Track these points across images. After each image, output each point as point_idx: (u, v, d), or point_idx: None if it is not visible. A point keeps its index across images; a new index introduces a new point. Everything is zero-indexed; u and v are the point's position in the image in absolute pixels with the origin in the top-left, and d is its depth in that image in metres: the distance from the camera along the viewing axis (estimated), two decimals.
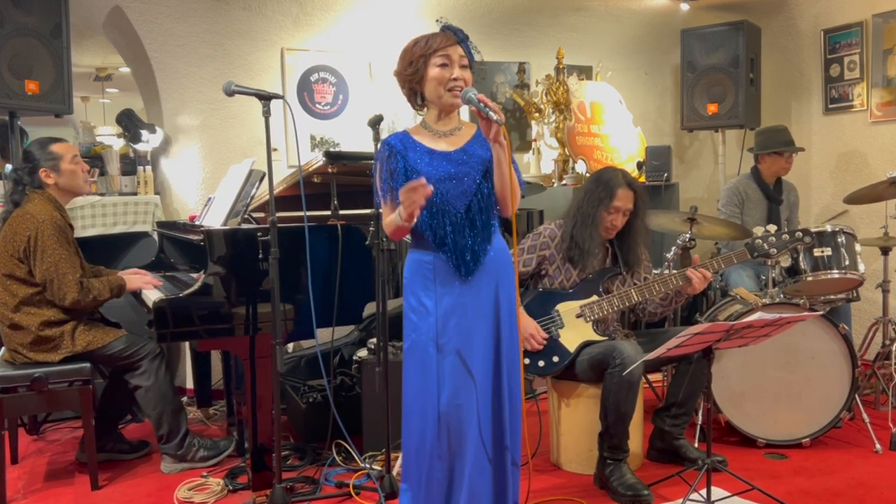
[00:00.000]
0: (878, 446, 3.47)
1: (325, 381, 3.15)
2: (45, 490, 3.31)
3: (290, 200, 3.49)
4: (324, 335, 3.33)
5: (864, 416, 3.56)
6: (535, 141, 5.43)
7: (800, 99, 5.55)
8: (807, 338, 3.50)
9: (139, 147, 4.62)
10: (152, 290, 3.36)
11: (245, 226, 3.30)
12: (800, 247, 3.44)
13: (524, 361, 3.25)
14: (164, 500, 3.16)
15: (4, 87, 3.67)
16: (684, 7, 5.68)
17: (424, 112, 2.42)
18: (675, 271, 3.28)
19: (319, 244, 3.21)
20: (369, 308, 3.35)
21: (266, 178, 2.88)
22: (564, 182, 5.15)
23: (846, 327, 3.57)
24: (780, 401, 3.52)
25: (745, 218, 4.39)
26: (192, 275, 3.49)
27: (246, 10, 4.72)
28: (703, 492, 2.79)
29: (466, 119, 2.70)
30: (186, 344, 4.45)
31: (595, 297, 3.26)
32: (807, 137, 5.43)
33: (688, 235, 3.62)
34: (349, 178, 3.47)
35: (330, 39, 4.99)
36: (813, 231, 3.54)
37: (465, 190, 2.33)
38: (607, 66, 5.63)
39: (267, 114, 2.77)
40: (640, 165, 5.27)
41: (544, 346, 3.23)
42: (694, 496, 2.81)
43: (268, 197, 2.88)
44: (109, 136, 7.41)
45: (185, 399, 4.34)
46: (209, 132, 4.74)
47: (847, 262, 3.69)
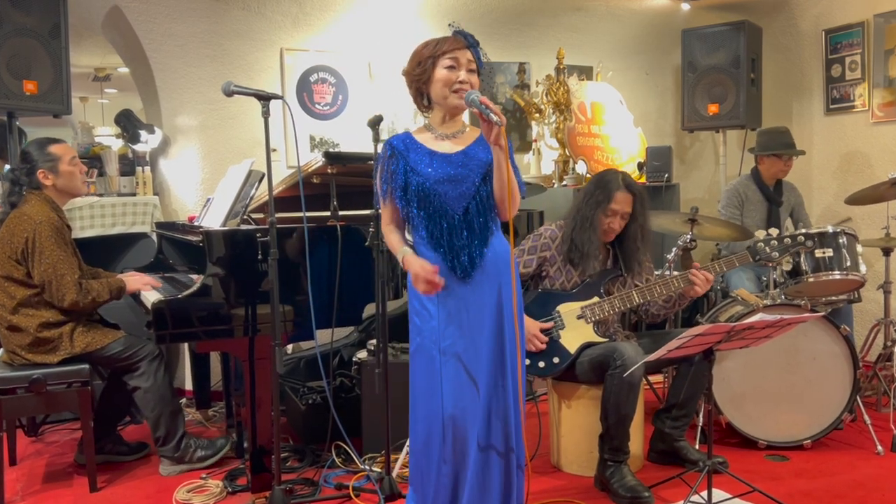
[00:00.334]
0: (879, 448, 3.47)
1: (324, 382, 3.15)
2: (43, 492, 3.30)
3: (290, 201, 3.48)
4: (323, 336, 3.32)
5: (866, 417, 3.56)
6: (536, 141, 5.42)
7: (801, 99, 5.54)
8: (808, 339, 3.50)
9: (138, 147, 4.62)
10: (151, 292, 3.35)
11: (244, 227, 3.29)
12: (802, 250, 3.42)
13: (524, 363, 3.25)
14: (163, 502, 3.15)
15: (3, 87, 3.65)
16: (685, 7, 5.67)
17: (429, 114, 2.43)
18: (676, 273, 3.28)
19: (319, 245, 3.20)
20: (369, 309, 3.34)
21: (265, 179, 2.87)
22: (565, 183, 5.14)
23: (847, 328, 3.56)
24: (781, 402, 3.51)
25: (745, 220, 4.38)
26: (191, 276, 3.48)
27: (245, 10, 4.71)
28: (704, 493, 2.78)
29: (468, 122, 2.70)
30: (185, 345, 4.45)
31: (596, 299, 3.26)
32: (808, 138, 5.42)
33: (688, 236, 3.61)
34: (349, 179, 3.46)
35: (329, 39, 4.98)
36: (814, 232, 3.54)
37: (463, 192, 2.34)
38: (608, 66, 5.62)
39: (266, 114, 2.77)
40: (640, 166, 5.26)
41: (545, 347, 3.21)
42: (695, 498, 2.81)
43: (267, 198, 2.87)
44: (108, 136, 7.40)
45: (183, 401, 4.35)
46: (208, 133, 4.73)
47: (848, 263, 3.68)
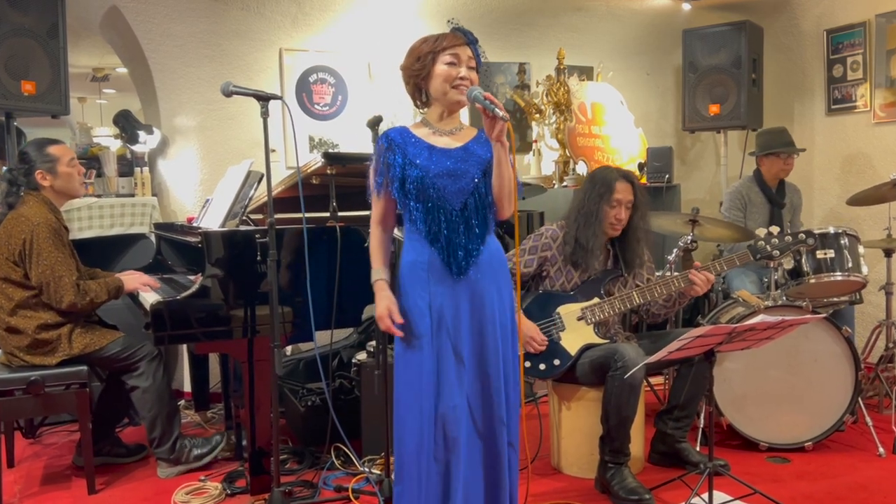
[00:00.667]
0: (881, 450, 3.46)
1: (323, 384, 3.15)
2: (41, 494, 3.30)
3: (289, 202, 3.47)
4: (322, 338, 3.31)
5: (868, 419, 3.54)
6: (536, 142, 5.41)
7: (802, 100, 5.53)
8: (809, 340, 3.49)
9: (136, 148, 4.62)
10: (150, 293, 3.34)
11: (243, 227, 3.28)
12: (802, 249, 3.43)
13: (524, 364, 3.24)
14: None
15: (1, 87, 3.65)
16: (686, 7, 5.66)
17: (426, 111, 2.42)
18: (676, 273, 3.27)
19: (318, 246, 3.19)
20: (368, 310, 3.32)
21: (264, 180, 2.87)
22: (565, 184, 5.13)
23: (849, 330, 3.55)
24: (782, 404, 3.50)
25: (748, 222, 4.36)
26: (189, 277, 3.48)
27: (244, 10, 4.71)
28: (705, 496, 2.77)
29: (466, 122, 2.69)
30: (184, 347, 4.44)
31: (596, 300, 3.25)
32: (809, 138, 5.40)
33: (689, 237, 3.61)
34: (348, 180, 3.44)
35: (329, 40, 4.98)
36: (816, 233, 3.52)
37: (462, 188, 2.33)
38: (608, 66, 5.61)
39: (265, 115, 2.76)
40: (641, 167, 5.25)
41: (545, 348, 3.21)
42: (695, 500, 2.80)
43: (266, 198, 2.86)
44: (106, 137, 7.39)
45: (182, 402, 4.35)
46: (207, 133, 4.73)
47: (850, 265, 3.67)
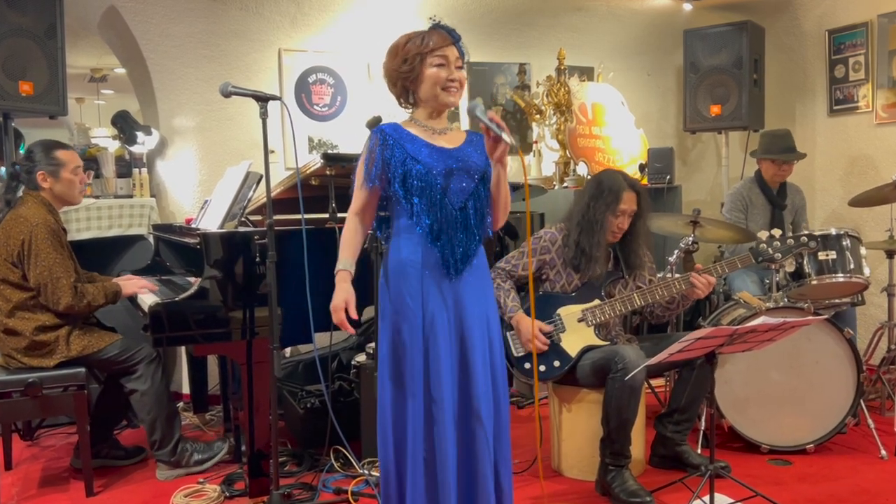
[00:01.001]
0: (883, 452, 3.44)
1: (322, 386, 3.13)
2: (39, 496, 3.29)
3: (288, 203, 3.46)
4: (322, 339, 3.30)
5: (870, 421, 3.53)
6: (536, 143, 5.39)
7: (804, 100, 5.51)
8: (811, 342, 3.48)
9: (135, 149, 4.61)
10: (148, 294, 3.33)
11: (242, 229, 3.28)
12: (805, 251, 3.40)
13: (524, 366, 3.24)
14: None
15: None
16: (687, 7, 5.65)
17: (412, 110, 2.43)
18: (677, 275, 3.26)
19: (317, 247, 3.15)
20: (367, 312, 3.31)
21: (263, 181, 2.86)
22: (566, 185, 5.11)
23: (851, 332, 3.54)
24: (784, 406, 3.49)
25: (749, 223, 4.35)
26: (188, 278, 3.47)
27: (243, 10, 4.70)
28: (706, 498, 2.78)
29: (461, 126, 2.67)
30: (182, 349, 4.43)
31: (597, 301, 3.25)
32: (811, 139, 5.39)
33: (690, 239, 3.60)
34: (348, 181, 3.35)
35: (328, 40, 4.97)
36: (818, 234, 3.52)
37: (463, 188, 2.34)
38: (609, 66, 5.59)
39: (264, 115, 2.76)
40: (642, 167, 5.24)
41: (546, 348, 3.21)
42: (697, 503, 2.80)
43: (265, 199, 2.86)
44: (104, 137, 7.42)
45: (181, 404, 4.34)
46: (206, 134, 4.71)
47: (852, 266, 3.66)
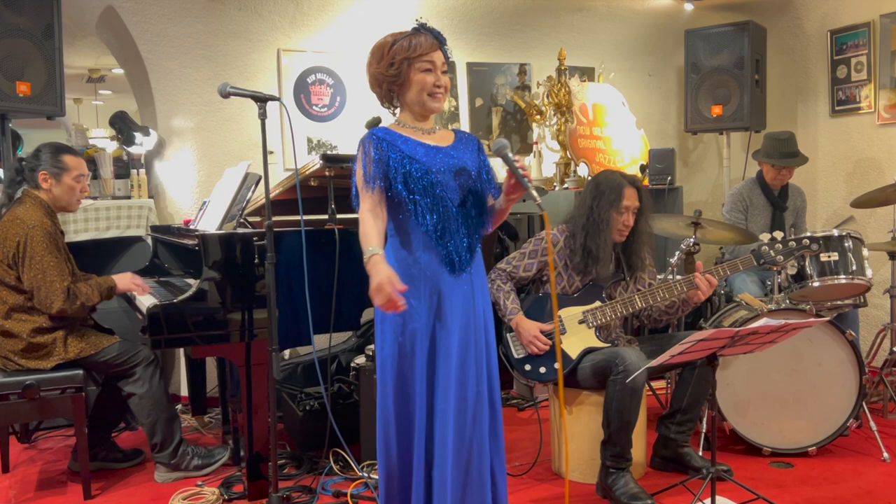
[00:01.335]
0: (885, 455, 3.43)
1: (322, 388, 3.13)
2: (36, 499, 3.28)
3: (287, 204, 3.46)
4: (321, 341, 3.29)
5: (872, 424, 3.52)
6: (537, 144, 5.38)
7: (806, 101, 5.50)
8: (813, 344, 3.47)
9: (133, 150, 4.60)
10: (146, 296, 3.32)
11: (241, 230, 3.27)
12: (806, 253, 3.39)
13: (524, 368, 3.23)
14: None
15: None
16: (688, 7, 5.64)
17: (397, 112, 2.43)
18: (679, 277, 3.25)
19: (316, 249, 3.17)
20: (367, 314, 3.32)
21: (262, 182, 2.85)
22: (566, 186, 5.10)
23: (853, 334, 3.53)
24: (785, 408, 3.48)
25: (749, 224, 4.34)
26: (186, 280, 3.48)
27: (241, 10, 4.69)
28: (708, 501, 2.76)
29: (463, 128, 2.67)
30: (181, 350, 4.42)
31: (598, 303, 3.24)
32: (813, 140, 5.38)
33: (692, 240, 3.60)
34: (346, 182, 3.35)
35: (327, 40, 4.95)
36: (819, 236, 3.50)
37: (461, 185, 2.35)
38: (610, 67, 5.59)
39: (263, 116, 2.75)
40: (643, 168, 5.22)
41: (546, 351, 3.19)
42: None
43: (264, 201, 2.84)
44: (102, 138, 7.42)
45: (179, 407, 4.34)
46: (204, 135, 4.70)
47: (854, 268, 3.64)
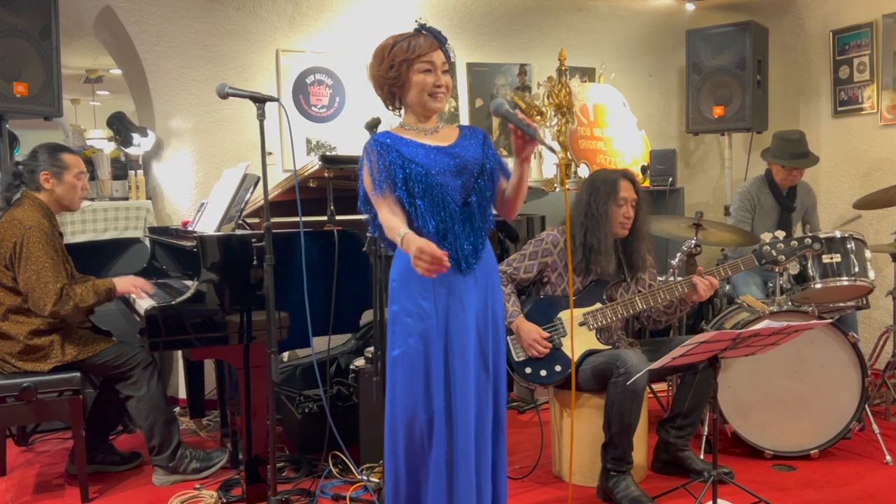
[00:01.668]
0: (888, 458, 3.42)
1: (321, 390, 3.12)
2: (34, 502, 3.27)
3: (286, 205, 3.45)
4: (320, 344, 3.29)
5: (875, 426, 3.51)
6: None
7: (808, 101, 5.48)
8: (815, 346, 3.46)
9: (130, 151, 4.59)
10: (144, 298, 3.31)
11: (239, 232, 3.26)
12: (808, 253, 3.39)
13: (525, 370, 3.22)
14: None
15: None
16: (689, 7, 5.63)
17: (401, 115, 2.44)
18: (680, 279, 3.24)
19: (315, 250, 3.17)
20: (366, 316, 3.32)
21: (260, 183, 2.84)
22: (567, 187, 5.07)
23: (856, 336, 3.52)
24: (787, 411, 3.47)
25: (756, 224, 4.33)
26: (184, 282, 3.46)
27: (240, 10, 4.68)
28: None
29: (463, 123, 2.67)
30: (179, 353, 4.39)
31: (598, 305, 3.23)
32: (815, 141, 5.35)
33: (693, 241, 3.60)
34: (346, 183, 3.42)
35: (326, 40, 4.95)
36: (822, 237, 3.49)
37: (463, 183, 2.34)
38: (611, 67, 5.57)
39: (261, 117, 2.74)
40: (644, 170, 5.22)
41: (548, 351, 3.18)
42: None
43: (262, 202, 2.83)
44: (100, 139, 7.42)
45: (177, 409, 4.32)
46: (202, 135, 4.69)
47: (857, 269, 3.63)
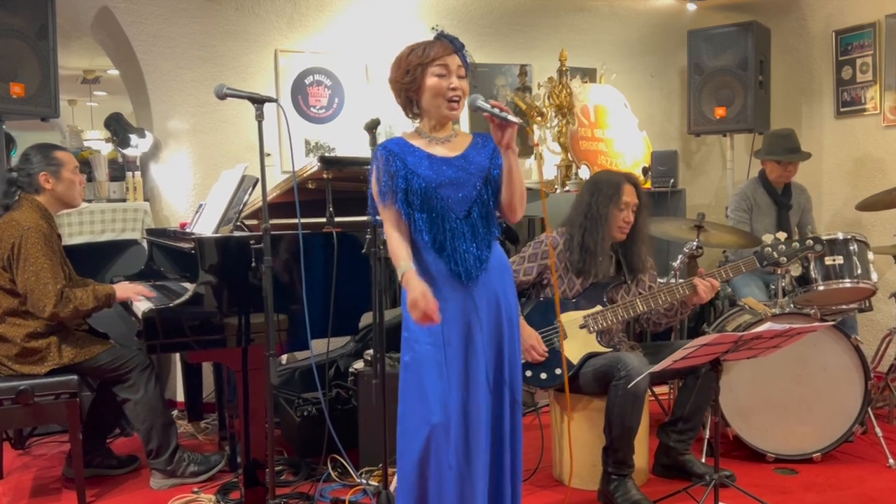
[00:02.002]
0: (891, 461, 3.41)
1: (319, 393, 3.11)
2: None
3: (284, 207, 3.45)
4: (319, 346, 3.28)
5: (877, 429, 3.50)
6: (537, 145, 5.36)
7: (811, 102, 5.46)
8: (818, 349, 3.45)
9: (128, 152, 4.58)
10: (142, 301, 3.30)
11: (237, 233, 3.26)
12: (810, 255, 3.38)
13: (526, 373, 3.20)
14: None
15: None
16: (691, 7, 5.62)
17: (419, 121, 2.43)
18: (681, 280, 3.24)
19: (314, 252, 3.16)
20: (366, 318, 3.30)
21: (259, 184, 2.84)
22: (567, 188, 5.08)
23: (858, 338, 3.51)
24: (790, 414, 3.46)
25: (754, 224, 4.32)
26: (182, 284, 3.45)
27: (238, 10, 4.68)
28: None
29: (462, 129, 2.69)
30: (177, 355, 4.38)
31: (599, 307, 3.22)
32: (818, 142, 5.35)
33: (695, 243, 3.59)
34: (345, 185, 3.43)
35: (325, 41, 4.94)
36: (824, 239, 3.47)
37: (465, 195, 2.34)
38: (611, 68, 5.56)
39: (260, 117, 2.74)
40: (645, 171, 5.21)
41: (546, 357, 3.17)
42: None
43: (261, 203, 2.83)
44: (97, 140, 7.41)
45: (175, 412, 4.30)
46: (200, 136, 4.69)
47: (859, 271, 3.62)
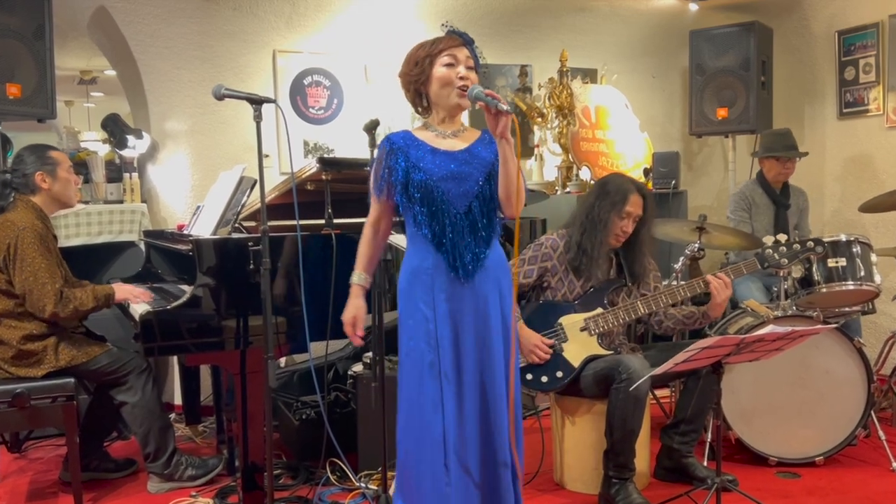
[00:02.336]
0: (894, 464, 3.40)
1: (318, 396, 3.09)
2: None
3: (283, 209, 3.42)
4: (317, 349, 3.26)
5: (881, 433, 3.48)
6: (538, 147, 5.36)
7: (813, 103, 5.45)
8: (820, 352, 3.43)
9: (125, 153, 4.58)
10: (139, 303, 3.28)
11: (235, 235, 3.25)
12: (812, 257, 3.37)
13: (525, 377, 3.20)
14: None
15: None
16: (693, 7, 5.60)
17: (427, 116, 2.43)
18: (682, 282, 3.23)
19: (313, 254, 3.14)
20: (365, 321, 3.26)
21: (257, 186, 2.82)
22: (568, 190, 5.06)
23: (861, 341, 3.49)
24: (792, 417, 3.45)
25: (754, 224, 4.32)
26: (180, 286, 3.44)
27: (236, 10, 4.67)
28: None
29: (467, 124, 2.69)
30: (174, 358, 4.40)
31: (600, 310, 3.21)
32: (820, 143, 5.34)
33: (696, 245, 3.60)
34: (344, 186, 3.41)
35: (324, 41, 4.94)
36: (826, 241, 3.46)
37: (466, 190, 2.33)
38: (613, 68, 5.55)
39: (258, 118, 2.72)
40: (646, 172, 5.19)
41: (547, 360, 3.16)
42: None
43: (259, 205, 2.81)
44: (94, 141, 7.38)
45: (173, 416, 4.31)
46: (198, 137, 4.68)
47: (862, 273, 3.61)
